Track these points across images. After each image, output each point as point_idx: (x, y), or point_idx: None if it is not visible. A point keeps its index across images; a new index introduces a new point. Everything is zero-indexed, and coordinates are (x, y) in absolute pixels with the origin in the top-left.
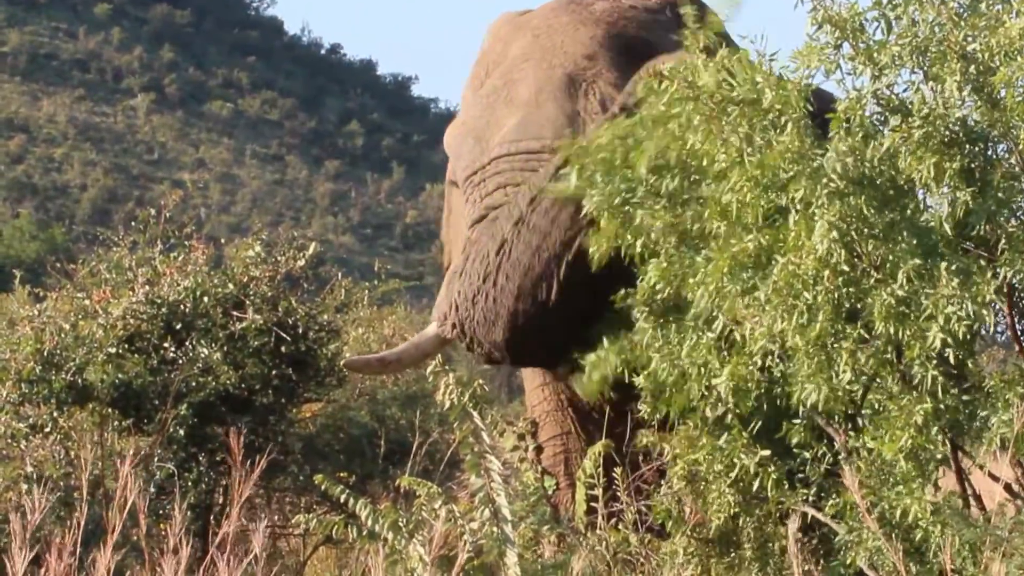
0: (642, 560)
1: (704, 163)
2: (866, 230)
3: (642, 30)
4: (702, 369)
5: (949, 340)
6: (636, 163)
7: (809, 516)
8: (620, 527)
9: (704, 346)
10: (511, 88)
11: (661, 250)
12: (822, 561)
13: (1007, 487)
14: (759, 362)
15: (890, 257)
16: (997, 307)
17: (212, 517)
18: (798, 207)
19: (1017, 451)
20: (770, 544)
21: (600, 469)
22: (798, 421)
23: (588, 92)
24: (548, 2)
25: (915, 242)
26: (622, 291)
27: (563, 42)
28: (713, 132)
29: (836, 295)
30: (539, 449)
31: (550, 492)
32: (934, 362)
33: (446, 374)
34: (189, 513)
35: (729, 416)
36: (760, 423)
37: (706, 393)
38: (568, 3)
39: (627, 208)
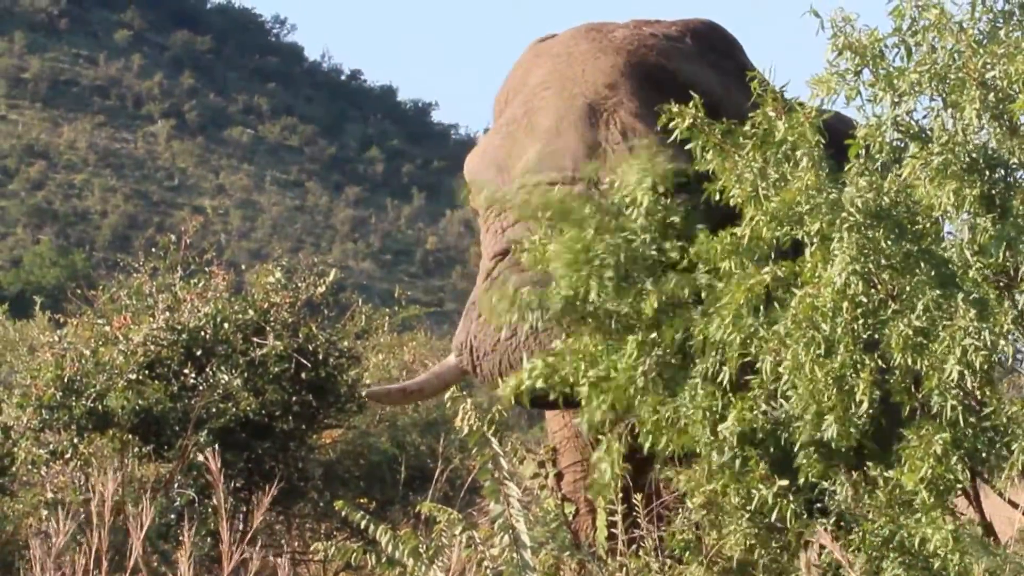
0: None
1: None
2: (883, 261)
3: (662, 58)
4: (706, 414)
5: (966, 371)
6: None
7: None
8: (640, 553)
9: (706, 394)
10: (532, 117)
11: (638, 325)
12: None
13: None
14: (763, 405)
15: (907, 288)
16: (1014, 336)
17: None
18: (814, 240)
19: None
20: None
21: (620, 495)
22: (805, 460)
23: (609, 121)
24: (568, 29)
25: (932, 273)
26: (591, 385)
27: (584, 71)
28: (727, 167)
29: (855, 326)
30: (559, 476)
31: (570, 519)
32: (953, 391)
33: (465, 400)
34: (209, 539)
35: (738, 463)
36: (768, 463)
37: (712, 439)
38: (588, 30)
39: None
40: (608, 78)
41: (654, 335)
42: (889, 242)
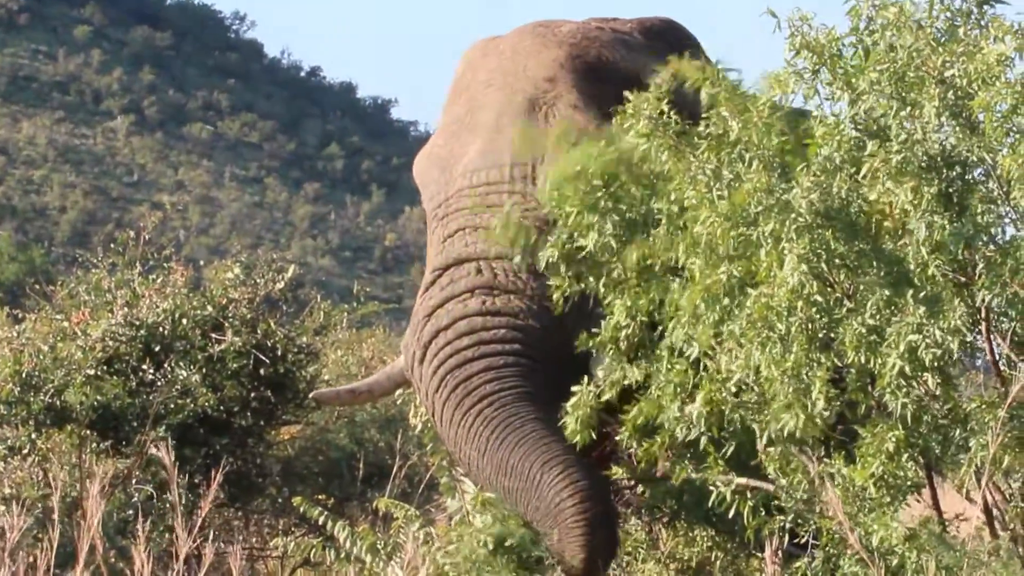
0: None
1: (673, 196)
2: (836, 261)
3: (605, 50)
4: (677, 389)
5: (909, 368)
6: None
7: (786, 545)
8: None
9: (679, 369)
10: (474, 115)
11: (625, 286)
12: None
13: (985, 510)
14: (733, 388)
15: (860, 287)
16: (974, 332)
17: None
18: (768, 240)
19: (994, 473)
20: None
21: None
22: (772, 450)
23: (548, 115)
24: (518, 27)
25: (883, 272)
26: (584, 335)
27: (525, 66)
28: (680, 168)
29: (810, 325)
30: None
31: None
32: (904, 389)
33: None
34: (166, 535)
35: (703, 441)
36: (734, 448)
37: (679, 416)
38: (535, 26)
39: (586, 253)
40: (548, 72)
41: (642, 300)
42: (840, 242)
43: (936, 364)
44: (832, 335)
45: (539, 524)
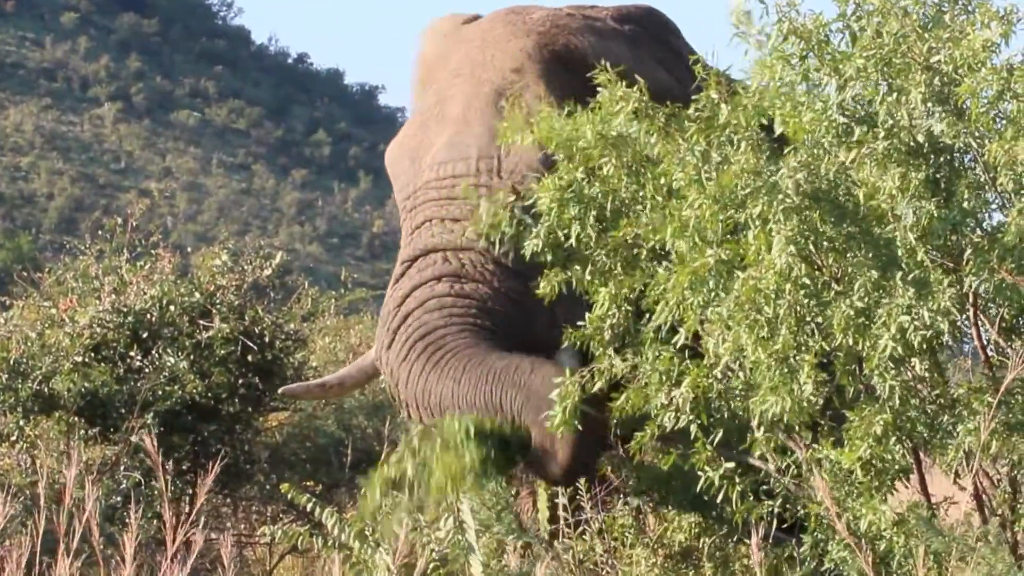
0: (607, 569)
1: (662, 180)
2: (824, 243)
3: (574, 38)
4: (663, 377)
5: (900, 349)
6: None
7: (773, 530)
8: (586, 536)
9: (665, 357)
10: (443, 105)
11: (610, 275)
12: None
13: (975, 496)
14: (719, 375)
15: (848, 269)
16: (962, 318)
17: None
18: (756, 223)
19: (983, 460)
20: (731, 564)
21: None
22: (760, 435)
23: (515, 106)
24: (491, 13)
25: (872, 254)
26: (570, 330)
27: (493, 55)
28: (669, 150)
29: (798, 308)
30: None
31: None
32: (893, 371)
33: None
34: (155, 522)
35: (692, 428)
36: (721, 434)
37: (666, 403)
38: (507, 13)
39: (570, 243)
40: (515, 62)
41: (626, 289)
42: (829, 224)
43: (925, 346)
44: (820, 318)
45: (524, 417)
